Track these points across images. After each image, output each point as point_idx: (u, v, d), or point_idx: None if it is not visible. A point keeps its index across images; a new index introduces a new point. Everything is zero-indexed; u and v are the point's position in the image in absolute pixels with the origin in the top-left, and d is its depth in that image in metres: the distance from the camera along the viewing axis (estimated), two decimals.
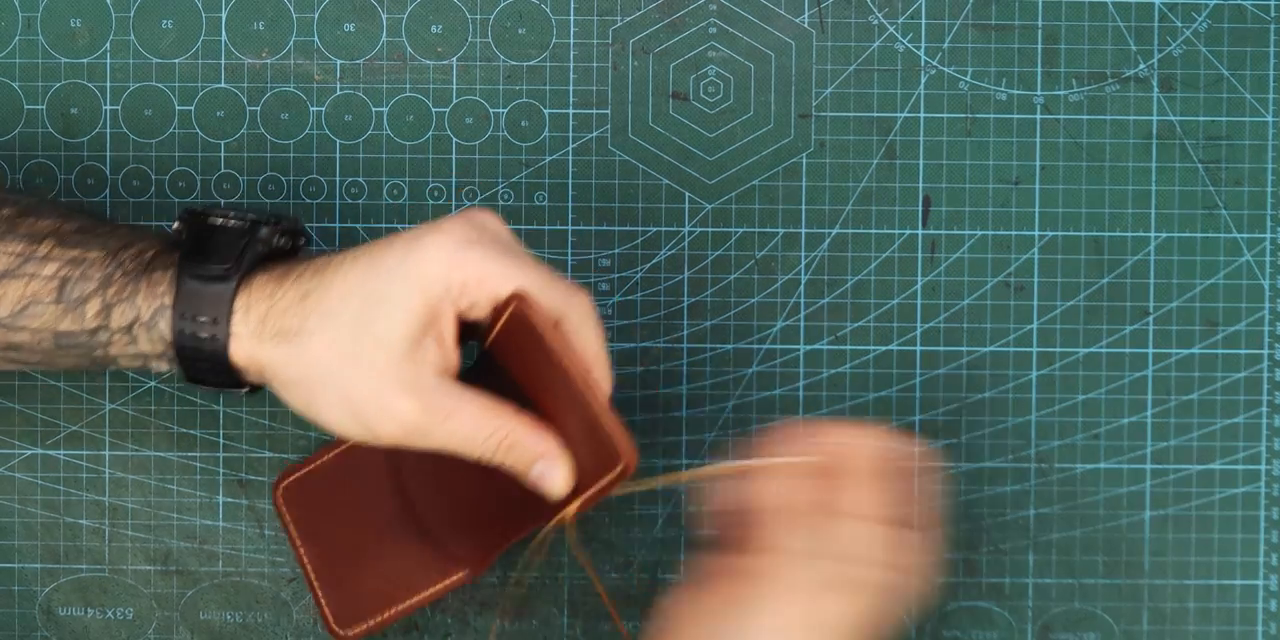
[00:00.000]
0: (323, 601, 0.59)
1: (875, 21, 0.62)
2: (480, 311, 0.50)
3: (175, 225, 0.53)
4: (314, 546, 0.60)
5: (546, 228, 0.62)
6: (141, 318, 0.50)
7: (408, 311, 0.49)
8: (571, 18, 0.62)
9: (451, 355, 0.50)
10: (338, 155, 0.62)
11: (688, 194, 0.62)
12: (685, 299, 0.62)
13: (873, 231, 0.62)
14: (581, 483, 0.51)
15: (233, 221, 0.52)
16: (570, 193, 0.62)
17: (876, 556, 0.50)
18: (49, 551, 0.63)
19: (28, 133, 0.62)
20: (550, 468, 0.51)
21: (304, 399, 0.50)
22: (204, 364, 0.51)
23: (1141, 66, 0.62)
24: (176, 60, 0.62)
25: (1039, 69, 0.62)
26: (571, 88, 0.62)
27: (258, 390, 0.54)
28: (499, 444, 0.50)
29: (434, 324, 0.49)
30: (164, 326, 0.50)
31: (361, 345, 0.49)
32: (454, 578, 0.56)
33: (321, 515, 0.60)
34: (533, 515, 0.53)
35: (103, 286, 0.50)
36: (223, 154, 0.62)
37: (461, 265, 0.49)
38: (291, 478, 0.60)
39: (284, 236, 0.53)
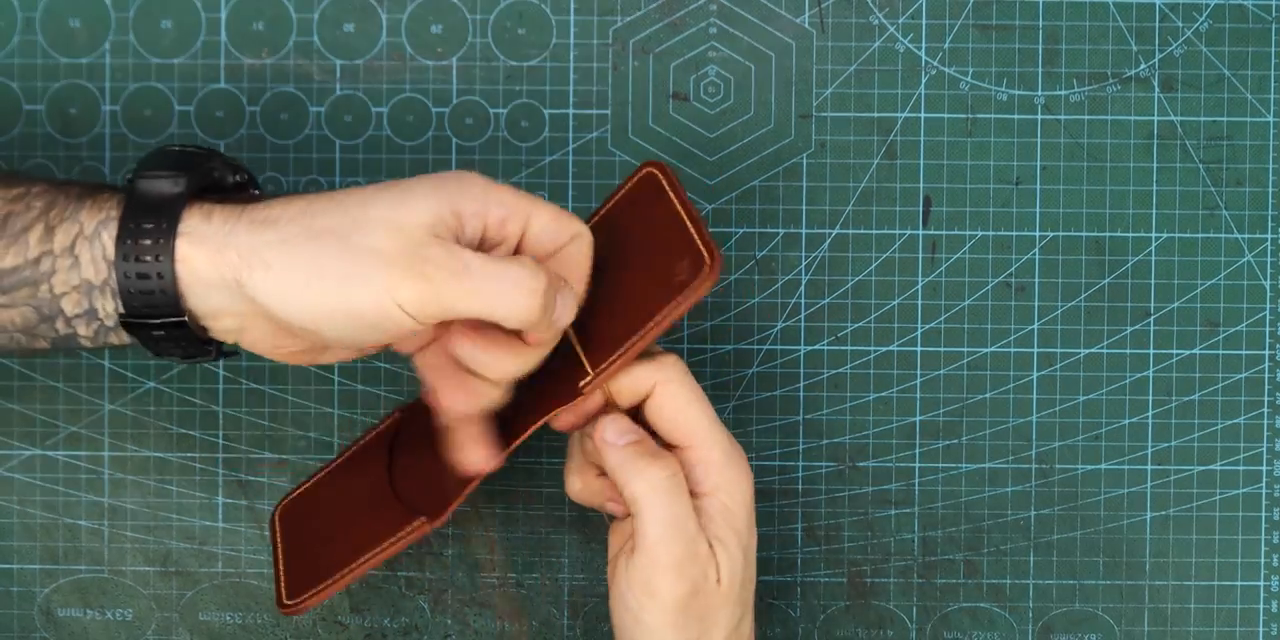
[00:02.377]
0: (281, 573, 0.56)
1: (875, 22, 0.62)
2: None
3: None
4: (292, 537, 0.57)
5: None
6: (85, 231, 0.48)
7: (432, 205, 0.48)
8: (571, 18, 0.62)
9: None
10: (338, 156, 0.62)
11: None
12: None
13: (873, 232, 0.62)
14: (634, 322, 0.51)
15: (189, 147, 0.51)
16: (570, 193, 0.62)
17: None
18: (48, 552, 0.63)
19: (27, 133, 0.62)
20: (567, 294, 0.50)
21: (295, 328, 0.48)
22: (150, 291, 0.48)
23: (1142, 67, 0.62)
24: (176, 60, 0.62)
25: (1039, 69, 0.62)
26: (571, 88, 0.62)
27: (210, 349, 0.50)
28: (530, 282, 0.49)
29: (451, 223, 0.48)
30: (106, 237, 0.48)
31: (359, 254, 0.47)
32: (411, 526, 0.53)
33: (311, 522, 0.58)
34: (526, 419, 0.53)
35: (45, 211, 0.48)
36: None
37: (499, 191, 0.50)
38: (288, 499, 0.59)
39: (236, 172, 0.52)
